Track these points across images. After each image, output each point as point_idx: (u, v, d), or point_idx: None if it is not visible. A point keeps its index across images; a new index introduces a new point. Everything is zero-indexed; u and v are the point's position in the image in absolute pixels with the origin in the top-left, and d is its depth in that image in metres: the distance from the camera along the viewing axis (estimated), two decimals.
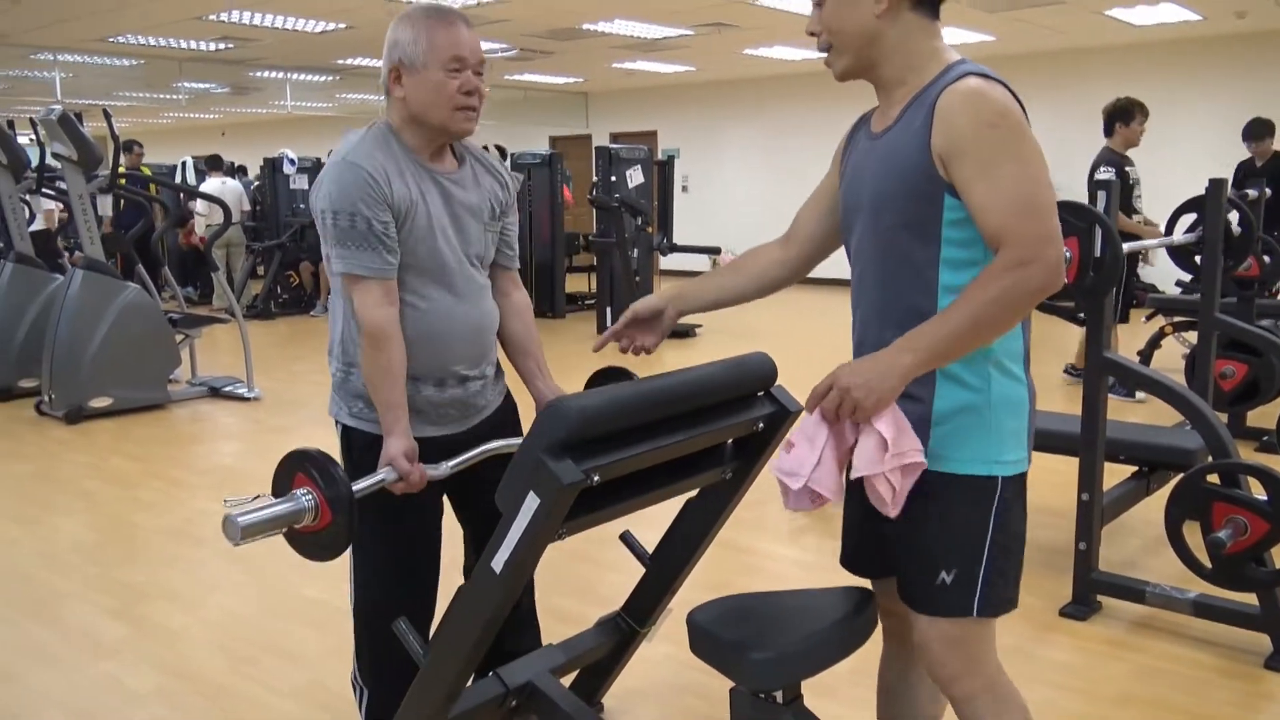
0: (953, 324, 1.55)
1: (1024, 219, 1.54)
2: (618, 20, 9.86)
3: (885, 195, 1.68)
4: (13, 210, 6.96)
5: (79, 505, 4.62)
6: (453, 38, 1.96)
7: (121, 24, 9.82)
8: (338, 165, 1.96)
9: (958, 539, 1.69)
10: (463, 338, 2.08)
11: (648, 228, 9.85)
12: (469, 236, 2.08)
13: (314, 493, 1.75)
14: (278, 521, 1.74)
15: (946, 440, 1.68)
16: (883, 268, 1.72)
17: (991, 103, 1.57)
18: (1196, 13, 9.36)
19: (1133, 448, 3.60)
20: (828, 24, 1.71)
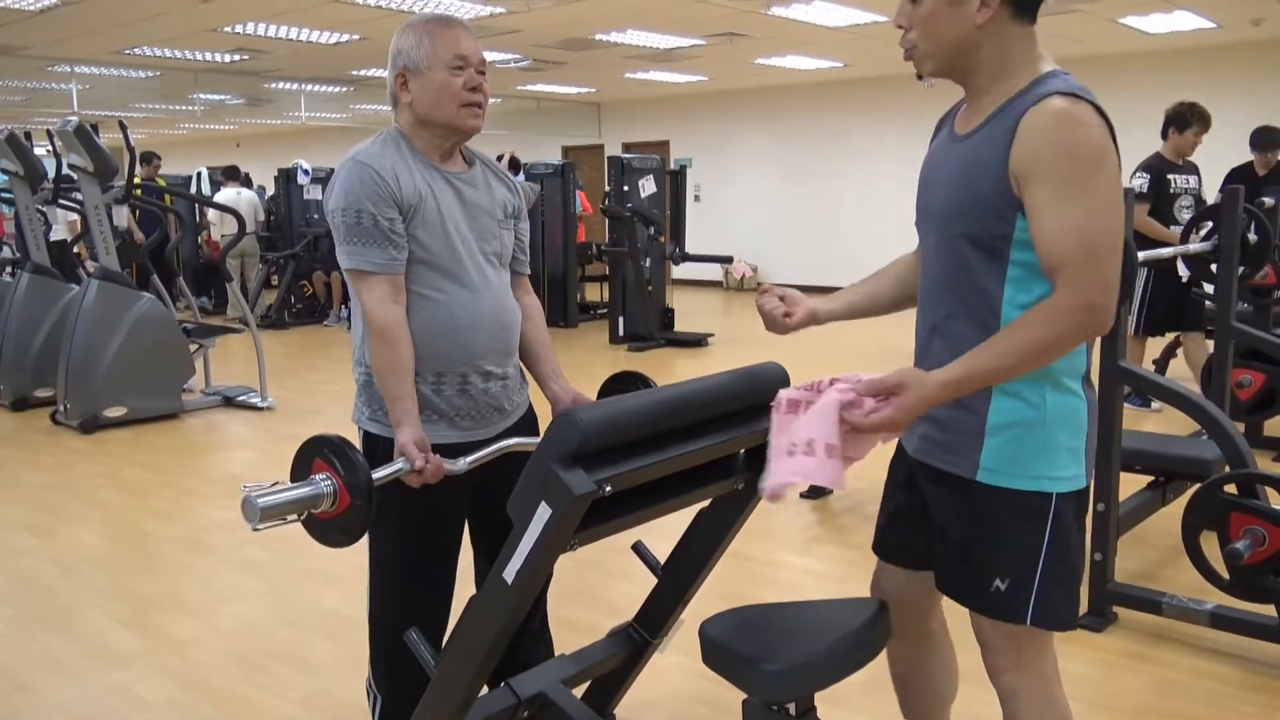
0: (993, 359, 1.55)
1: (1085, 262, 1.51)
2: (630, 30, 9.88)
3: (958, 205, 1.66)
4: (29, 221, 7.01)
5: (93, 514, 4.64)
6: (453, 38, 2.00)
7: (137, 36, 9.89)
8: (346, 165, 2.00)
9: (1011, 552, 1.68)
10: (485, 330, 2.07)
11: (660, 237, 9.85)
12: (484, 232, 2.09)
13: (332, 478, 1.74)
14: (296, 505, 1.72)
15: (1000, 454, 1.67)
16: (948, 278, 1.71)
17: (1076, 130, 1.53)
18: (1211, 20, 9.32)
19: (1149, 458, 3.57)
20: (923, 25, 1.64)
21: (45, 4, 8.18)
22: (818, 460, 1.57)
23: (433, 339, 2.01)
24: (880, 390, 1.57)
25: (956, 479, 1.72)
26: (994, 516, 1.69)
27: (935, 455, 1.76)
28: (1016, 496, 1.66)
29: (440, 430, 2.04)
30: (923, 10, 1.63)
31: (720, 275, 14.73)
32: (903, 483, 1.89)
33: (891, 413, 1.55)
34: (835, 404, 1.57)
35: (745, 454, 1.97)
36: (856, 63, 11.91)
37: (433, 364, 2.02)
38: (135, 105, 15.94)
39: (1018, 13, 1.62)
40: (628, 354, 8.97)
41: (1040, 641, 1.74)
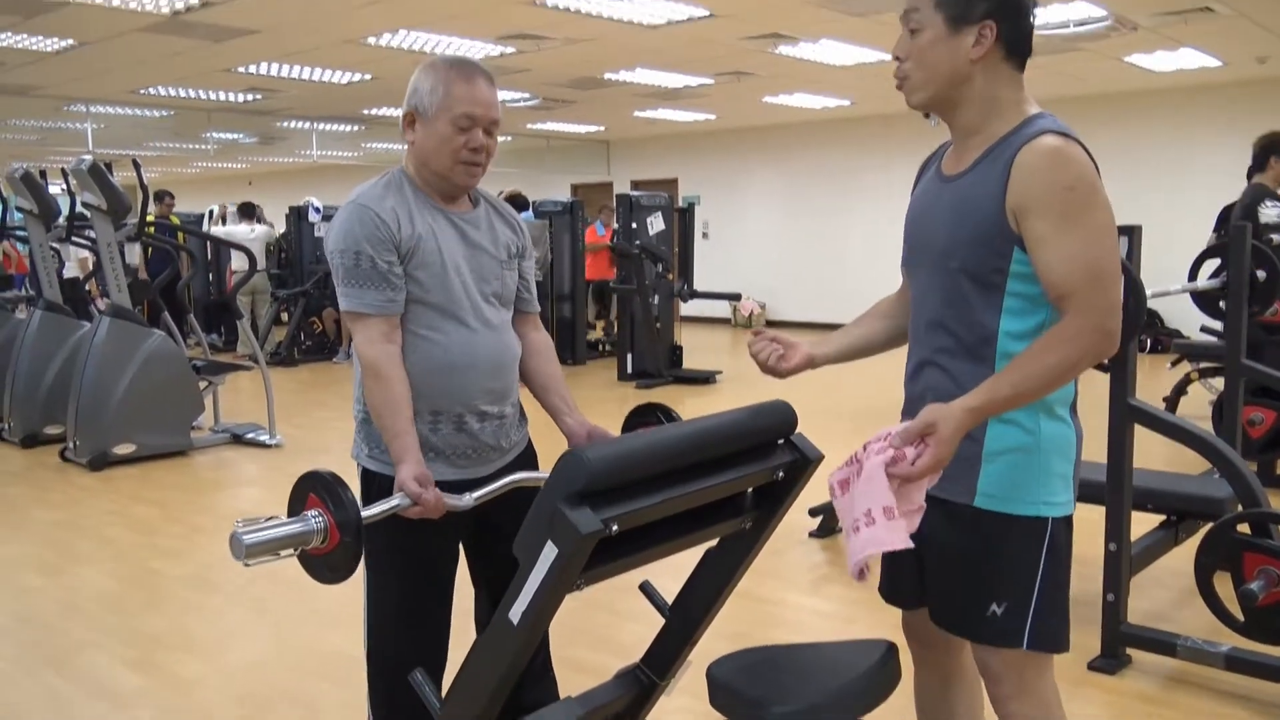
0: (1014, 384, 1.59)
1: (1092, 287, 1.58)
2: (639, 70, 9.98)
3: (955, 242, 1.71)
4: (42, 258, 7.07)
5: (101, 553, 4.63)
6: (469, 94, 1.99)
7: (153, 76, 10.03)
8: (347, 207, 2.01)
9: (1009, 575, 1.72)
10: (482, 371, 2.07)
11: (668, 274, 9.88)
12: (485, 273, 2.10)
13: (324, 514, 1.73)
14: (285, 541, 1.70)
15: (997, 480, 1.71)
16: (944, 312, 1.75)
17: (1070, 164, 1.61)
18: (1217, 58, 9.37)
19: (1160, 496, 3.54)
20: (919, 55, 1.71)
21: (62, 45, 8.31)
22: (881, 525, 1.59)
23: (429, 378, 2.01)
24: (914, 437, 1.60)
25: (953, 505, 1.75)
26: (993, 541, 1.73)
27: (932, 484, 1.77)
28: (1016, 521, 1.72)
29: (438, 468, 2.04)
30: (921, 41, 1.70)
31: (728, 312, 14.74)
32: None
33: (935, 452, 1.58)
34: (880, 466, 1.60)
35: (753, 493, 1.96)
36: (863, 100, 12.00)
37: (429, 403, 2.02)
38: (149, 144, 16.13)
39: (1009, 55, 1.70)
40: (635, 391, 8.97)
41: (1040, 664, 1.77)
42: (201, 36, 8.03)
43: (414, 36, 8.24)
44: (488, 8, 7.19)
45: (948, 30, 1.67)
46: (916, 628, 1.99)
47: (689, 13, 7.43)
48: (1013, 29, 1.68)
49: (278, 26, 7.75)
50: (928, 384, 1.78)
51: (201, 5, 6.97)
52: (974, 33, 1.66)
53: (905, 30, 1.73)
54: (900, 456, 1.60)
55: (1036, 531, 1.72)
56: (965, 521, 1.74)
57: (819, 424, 2.15)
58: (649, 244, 9.58)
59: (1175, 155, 11.11)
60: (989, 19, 1.65)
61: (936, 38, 1.68)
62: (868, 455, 1.63)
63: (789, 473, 1.89)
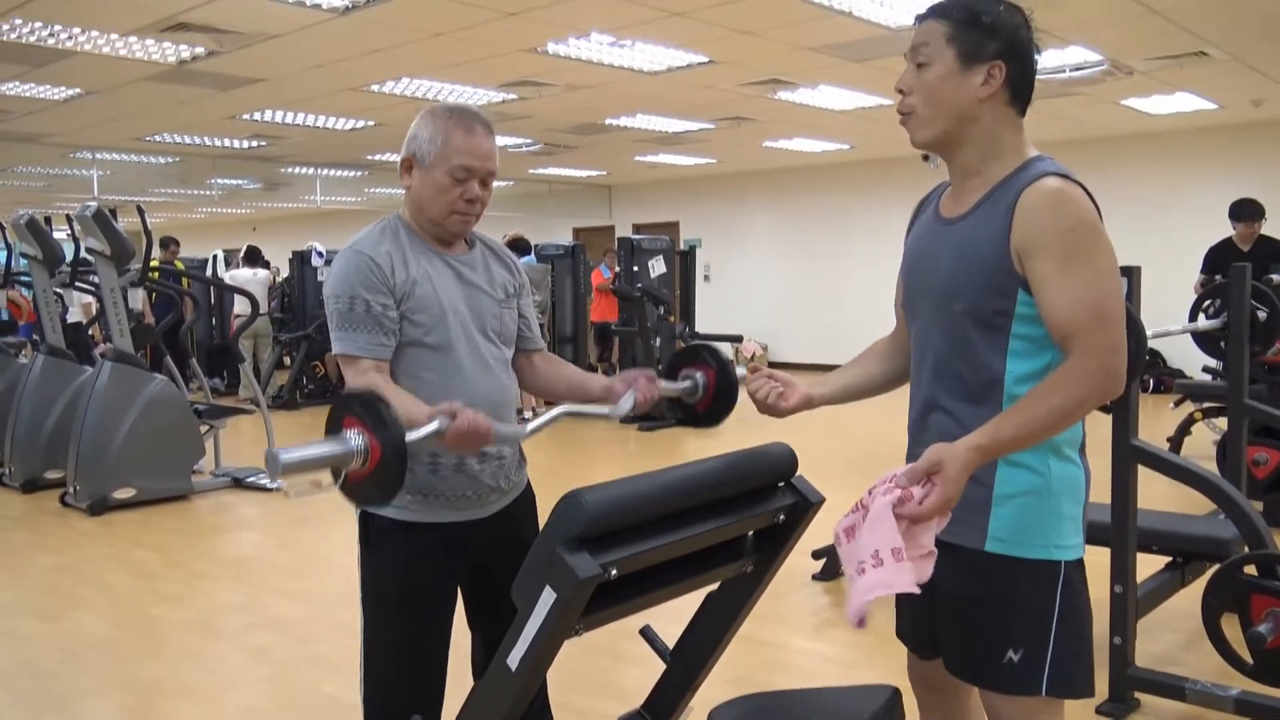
0: (1018, 424, 1.58)
1: (1096, 327, 1.58)
2: (639, 115, 10.08)
3: (959, 284, 1.71)
4: (46, 303, 7.10)
5: (100, 599, 4.59)
6: (468, 145, 2.00)
7: (158, 124, 10.14)
8: (344, 254, 2.03)
9: (1023, 621, 1.70)
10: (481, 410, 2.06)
11: (670, 317, 9.91)
12: (483, 312, 2.11)
13: (365, 433, 1.61)
14: (323, 461, 1.60)
15: (1008, 524, 1.69)
16: (947, 354, 1.74)
17: (1072, 206, 1.61)
18: (1213, 102, 9.46)
19: (1165, 538, 3.52)
20: (926, 90, 1.71)
21: (70, 94, 8.41)
22: (888, 568, 1.57)
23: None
24: (920, 477, 1.58)
25: (964, 550, 1.73)
26: (1006, 586, 1.70)
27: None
28: (1029, 565, 1.69)
29: (438, 510, 2.04)
30: (929, 76, 1.70)
31: (731, 354, 14.75)
32: None
33: (942, 491, 1.55)
34: (886, 507, 1.58)
35: (754, 536, 1.95)
36: (862, 144, 12.10)
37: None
38: (154, 190, 16.26)
39: (1014, 98, 1.71)
40: (638, 433, 8.95)
41: (1052, 710, 1.73)
42: (207, 85, 8.13)
43: (417, 84, 8.33)
44: (490, 56, 7.28)
45: (959, 66, 1.67)
46: (922, 672, 1.96)
47: (689, 59, 7.51)
48: (1019, 72, 1.69)
49: (282, 75, 7.84)
50: (933, 428, 1.77)
51: (207, 55, 7.05)
52: (984, 72, 1.67)
53: (912, 65, 1.73)
54: (907, 496, 1.58)
55: (1050, 575, 1.69)
56: (977, 567, 1.72)
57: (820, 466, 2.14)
58: (651, 287, 9.62)
59: (1174, 196, 11.18)
60: (999, 59, 1.67)
61: (947, 73, 1.68)
62: (873, 498, 1.61)
63: (790, 516, 1.89)
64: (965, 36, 1.67)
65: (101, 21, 6.21)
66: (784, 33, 6.72)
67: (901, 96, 1.75)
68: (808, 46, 7.13)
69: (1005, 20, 1.69)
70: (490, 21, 6.31)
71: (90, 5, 5.81)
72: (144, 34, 6.47)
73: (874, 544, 1.58)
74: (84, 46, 6.77)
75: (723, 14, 6.22)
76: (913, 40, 1.74)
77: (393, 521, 2.02)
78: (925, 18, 1.74)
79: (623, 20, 6.36)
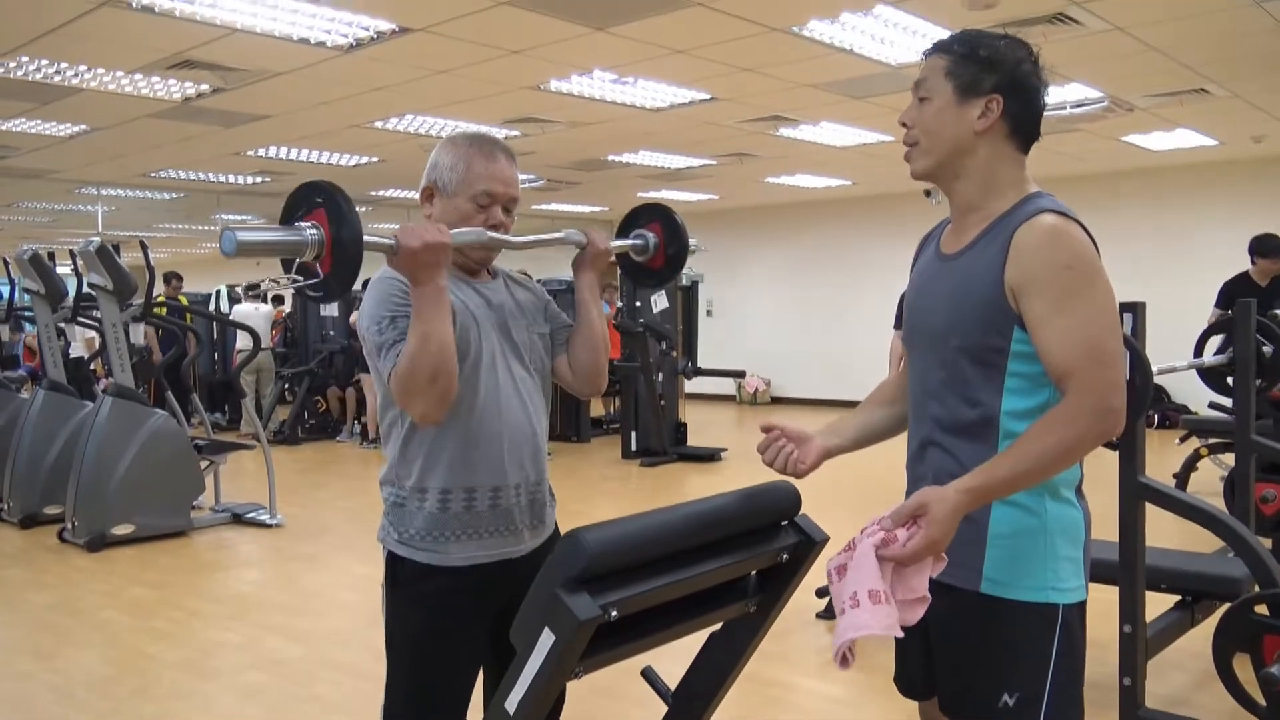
0: (1012, 466, 1.56)
1: (1093, 365, 1.56)
2: (642, 152, 10.13)
3: (955, 321, 1.70)
4: (48, 338, 7.10)
5: (95, 637, 4.54)
6: (490, 171, 1.98)
7: (163, 160, 10.19)
8: (374, 282, 1.96)
9: (1020, 664, 1.66)
10: (514, 437, 2.02)
11: (673, 352, 9.90)
12: (513, 336, 2.07)
13: (321, 227, 1.65)
14: (275, 247, 1.64)
15: (1003, 565, 1.67)
16: (945, 390, 1.73)
17: (1069, 243, 1.60)
18: (1213, 138, 9.50)
19: (1174, 576, 3.47)
20: (926, 123, 1.72)
21: (76, 130, 8.46)
22: (866, 610, 1.54)
23: (464, 450, 1.95)
24: (906, 519, 1.56)
25: (959, 591, 1.70)
26: (1001, 629, 1.67)
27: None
28: (1024, 608, 1.66)
29: (471, 549, 1.97)
30: (929, 109, 1.71)
31: (733, 389, 14.73)
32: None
33: (927, 533, 1.53)
34: (870, 550, 1.56)
35: (757, 575, 1.92)
36: (864, 181, 12.15)
37: (464, 479, 1.96)
38: (159, 225, 16.34)
39: (1013, 133, 1.71)
40: (640, 469, 8.91)
41: None
42: (212, 122, 8.17)
43: (420, 120, 8.38)
44: (494, 93, 7.32)
45: (956, 99, 1.68)
46: (933, 716, 1.92)
47: (691, 96, 7.55)
48: (1018, 108, 1.69)
49: (287, 112, 7.89)
50: (931, 465, 1.75)
51: (213, 92, 7.10)
52: (981, 105, 1.67)
53: (915, 99, 1.75)
54: (891, 539, 1.55)
55: (1046, 618, 1.66)
56: (971, 608, 1.69)
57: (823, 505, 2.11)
58: (653, 322, 9.62)
59: (1176, 232, 11.20)
60: (996, 93, 1.67)
61: (945, 106, 1.69)
62: (862, 539, 1.59)
63: (793, 555, 1.86)
64: (963, 70, 1.68)
65: (108, 59, 6.26)
66: (786, 70, 6.76)
67: (906, 130, 1.76)
68: (809, 83, 7.17)
69: (1005, 54, 1.69)
70: (494, 59, 6.35)
71: (97, 43, 5.85)
72: (150, 71, 6.52)
73: (854, 585, 1.56)
74: (90, 84, 6.82)
75: (725, 52, 6.26)
76: (918, 76, 1.76)
77: (424, 566, 1.96)
78: (929, 53, 1.76)
79: (625, 58, 6.40)
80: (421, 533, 1.97)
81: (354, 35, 5.78)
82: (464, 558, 1.96)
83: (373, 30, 5.69)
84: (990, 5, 5.29)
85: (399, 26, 5.64)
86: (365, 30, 5.69)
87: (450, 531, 1.97)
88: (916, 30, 5.75)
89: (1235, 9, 5.49)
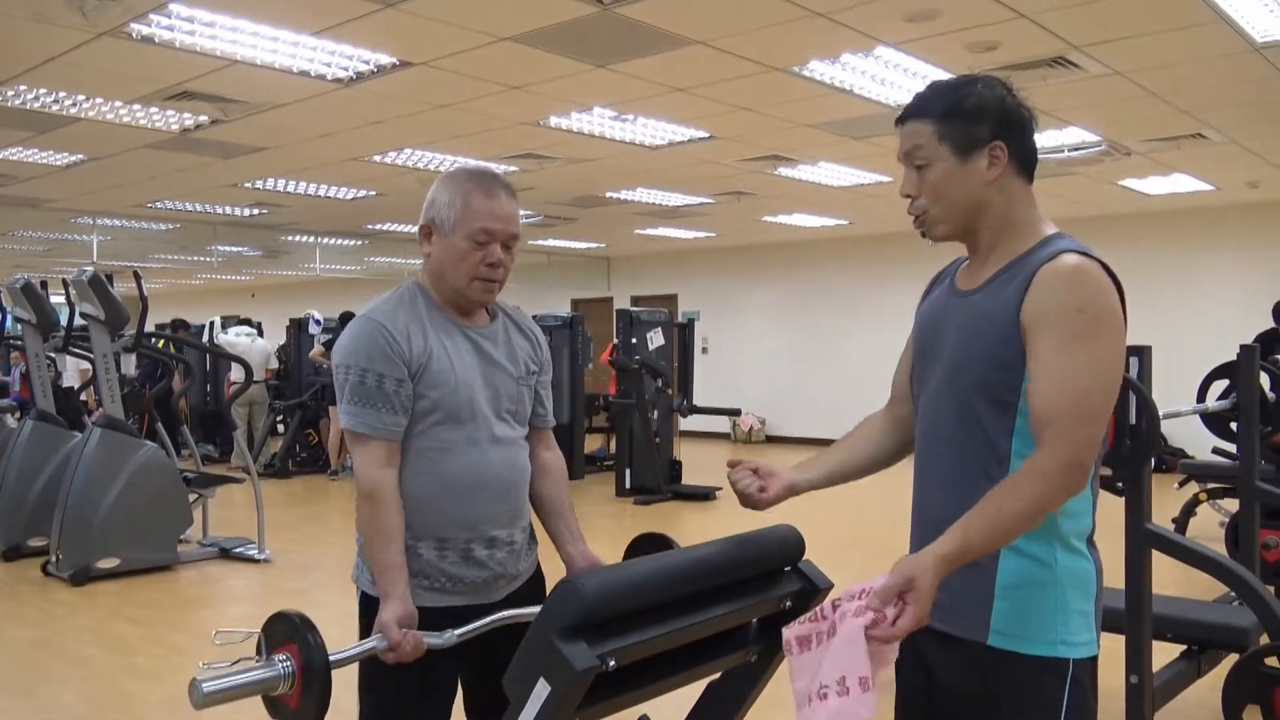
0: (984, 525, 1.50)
1: (1073, 419, 1.52)
2: (639, 189, 10.14)
3: (968, 357, 1.65)
4: (38, 368, 7.03)
5: (75, 674, 4.44)
6: (489, 209, 1.94)
7: (159, 191, 10.18)
8: (358, 321, 1.95)
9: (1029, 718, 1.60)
10: (492, 493, 1.98)
11: (668, 389, 9.85)
12: (501, 389, 2.02)
13: (293, 659, 1.62)
14: (247, 689, 1.61)
15: (1011, 616, 1.60)
16: (955, 429, 1.67)
17: (1087, 286, 1.57)
18: (1209, 183, 9.53)
19: (1181, 625, 3.41)
20: (934, 191, 1.67)
21: (73, 160, 8.44)
22: (854, 697, 1.46)
23: (438, 500, 1.93)
24: (892, 597, 1.47)
25: (965, 643, 1.64)
26: (1008, 682, 1.61)
27: (941, 618, 1.65)
28: (1033, 662, 1.59)
29: (441, 596, 1.94)
30: (933, 176, 1.66)
31: (728, 427, 14.66)
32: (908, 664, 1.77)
33: (914, 611, 1.46)
34: (859, 631, 1.47)
35: (758, 623, 1.85)
36: (861, 221, 12.17)
37: (437, 529, 1.93)
38: (154, 256, 16.31)
39: (1020, 169, 1.68)
40: (634, 507, 8.82)
41: None
42: (210, 153, 8.16)
43: (419, 155, 8.38)
44: (493, 128, 7.33)
45: (958, 160, 1.64)
46: None
47: (690, 134, 7.56)
48: (1018, 143, 1.66)
49: (285, 144, 7.88)
50: (937, 508, 1.68)
51: (211, 123, 7.09)
52: (985, 156, 1.63)
53: (910, 168, 1.69)
54: (881, 619, 1.47)
55: (1057, 673, 1.59)
56: (978, 661, 1.62)
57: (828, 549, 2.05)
58: (649, 359, 9.57)
59: (1173, 276, 11.22)
60: (997, 139, 1.63)
61: (949, 170, 1.64)
62: (842, 616, 1.49)
63: (797, 602, 1.80)
64: (953, 129, 1.63)
65: (106, 89, 6.25)
66: (785, 110, 6.78)
67: (910, 200, 1.70)
68: (808, 123, 7.18)
69: (987, 98, 1.65)
70: (493, 95, 6.35)
71: (95, 73, 5.84)
72: (148, 102, 6.50)
73: (843, 669, 1.47)
74: (88, 113, 6.81)
75: (724, 91, 6.27)
76: (902, 145, 1.70)
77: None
78: (905, 120, 1.70)
79: (625, 95, 6.41)
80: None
81: (354, 69, 5.78)
82: (436, 602, 1.92)
83: (373, 64, 5.69)
84: (991, 48, 5.30)
85: (400, 61, 5.63)
86: (366, 64, 5.69)
87: (423, 579, 1.94)
88: (917, 72, 5.76)
89: (1233, 55, 5.51)
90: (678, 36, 5.20)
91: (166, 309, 19.74)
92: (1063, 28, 5.06)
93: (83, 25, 4.96)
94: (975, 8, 4.75)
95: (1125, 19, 4.95)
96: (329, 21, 4.98)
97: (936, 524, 1.66)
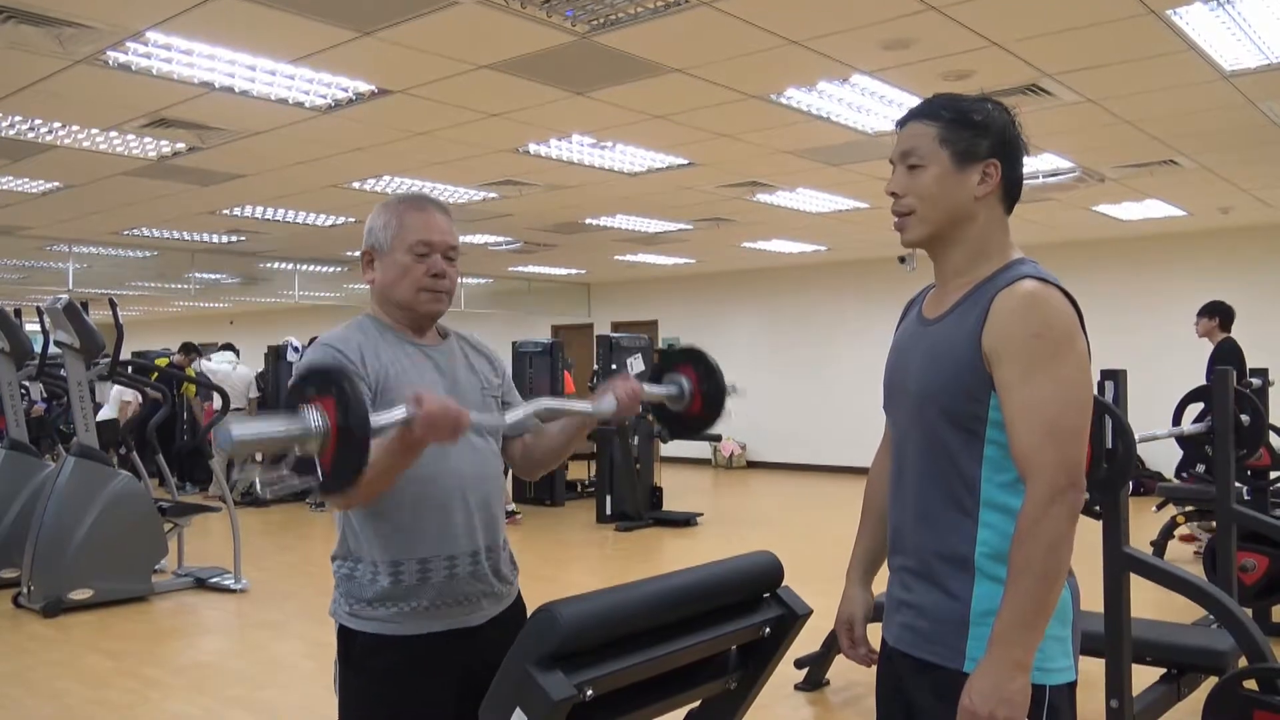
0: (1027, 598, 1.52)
1: (1049, 447, 1.53)
2: (619, 216, 10.17)
3: (933, 387, 1.66)
4: (10, 397, 6.95)
5: (47, 709, 4.36)
6: (423, 222, 1.97)
7: (137, 218, 10.12)
8: (312, 349, 1.98)
9: None
10: (469, 504, 1.96)
11: (648, 415, 9.83)
12: (466, 400, 2.00)
13: (326, 414, 1.48)
14: (279, 440, 1.46)
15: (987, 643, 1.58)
16: (923, 458, 1.68)
17: (1042, 311, 1.58)
18: (1181, 209, 9.65)
19: (1160, 648, 3.41)
20: (923, 190, 1.68)
21: (49, 187, 8.39)
22: None
23: (415, 519, 1.91)
24: None
25: (941, 670, 1.64)
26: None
27: (917, 645, 1.68)
28: None
29: (425, 621, 1.91)
30: (925, 178, 1.68)
31: (709, 453, 14.66)
32: (886, 692, 1.77)
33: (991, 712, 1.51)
34: None
35: (738, 650, 1.84)
36: (839, 246, 12.25)
37: (416, 549, 1.91)
38: (132, 283, 16.20)
39: (1005, 196, 1.70)
40: (615, 534, 8.78)
41: None
42: (187, 180, 8.13)
43: (398, 182, 8.38)
44: (472, 155, 7.34)
45: (954, 166, 1.66)
46: None
47: (669, 161, 7.60)
48: (1010, 171, 1.69)
49: (263, 171, 7.86)
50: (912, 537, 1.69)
51: (188, 150, 7.07)
52: (979, 171, 1.66)
53: (902, 168, 1.71)
54: None
55: (1035, 699, 1.57)
56: (955, 688, 1.60)
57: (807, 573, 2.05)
58: None
59: (1147, 300, 11.33)
60: (993, 158, 1.66)
61: (943, 174, 1.66)
62: None
63: (776, 629, 1.79)
64: (957, 136, 1.66)
65: (83, 117, 6.22)
66: (763, 137, 6.82)
67: (896, 199, 1.72)
68: (786, 150, 7.23)
69: (996, 118, 1.68)
70: (473, 122, 6.36)
71: (71, 100, 5.82)
72: (125, 129, 6.48)
73: None
74: (64, 140, 6.77)
75: (703, 117, 6.31)
76: (900, 144, 1.72)
77: (377, 638, 1.90)
78: (910, 120, 1.72)
79: (604, 122, 6.43)
80: (375, 604, 1.91)
81: (333, 96, 5.78)
82: (419, 628, 1.90)
83: (352, 91, 5.70)
84: (965, 76, 5.36)
85: (378, 88, 5.64)
86: (344, 91, 5.69)
87: (405, 604, 1.91)
88: (893, 100, 5.82)
89: (1204, 83, 5.60)
90: (655, 64, 5.23)
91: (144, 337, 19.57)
92: (1036, 56, 5.12)
93: (59, 53, 4.95)
94: (950, 36, 4.81)
95: (1097, 48, 5.02)
96: (307, 49, 4.98)
97: (912, 552, 1.66)
